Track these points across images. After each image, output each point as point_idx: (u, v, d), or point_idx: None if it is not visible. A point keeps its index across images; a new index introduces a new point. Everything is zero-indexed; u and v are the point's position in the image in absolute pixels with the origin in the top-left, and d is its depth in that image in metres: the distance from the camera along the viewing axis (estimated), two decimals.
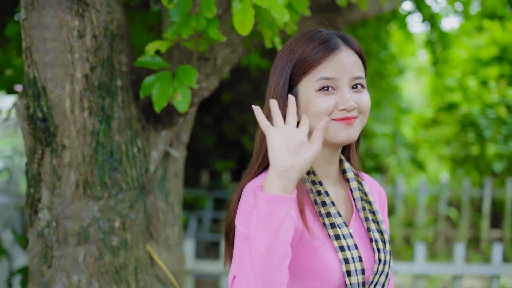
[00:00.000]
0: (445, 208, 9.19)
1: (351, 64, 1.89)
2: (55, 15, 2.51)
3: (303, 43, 1.92)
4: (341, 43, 1.92)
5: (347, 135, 1.87)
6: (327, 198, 1.90)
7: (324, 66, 1.87)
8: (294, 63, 1.90)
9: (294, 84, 1.92)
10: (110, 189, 2.64)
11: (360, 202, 2.00)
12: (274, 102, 1.74)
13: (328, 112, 1.85)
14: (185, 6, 2.49)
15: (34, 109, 2.57)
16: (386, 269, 1.92)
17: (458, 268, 5.19)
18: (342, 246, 1.84)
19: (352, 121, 1.87)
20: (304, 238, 1.85)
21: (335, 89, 1.87)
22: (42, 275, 2.65)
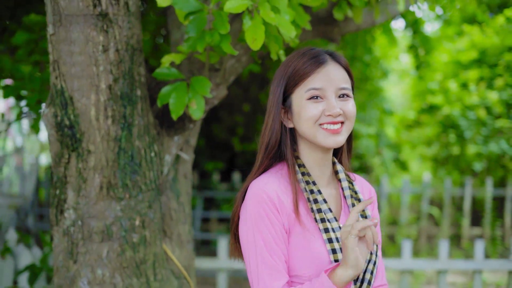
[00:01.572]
0: (427, 207, 9.48)
1: (337, 77, 2.18)
2: (81, 31, 2.74)
3: (296, 59, 2.22)
4: (329, 58, 2.21)
5: (334, 142, 2.16)
6: (319, 196, 2.18)
7: (312, 78, 2.17)
8: (288, 77, 2.20)
9: (288, 95, 2.21)
10: (131, 191, 2.87)
11: (350, 199, 2.27)
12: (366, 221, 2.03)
13: (317, 118, 2.15)
14: (201, 23, 2.72)
15: (61, 117, 2.79)
16: (373, 258, 2.20)
17: (442, 263, 5.46)
18: (331, 238, 2.12)
19: (339, 131, 2.16)
20: (298, 231, 2.14)
21: (323, 98, 2.16)
22: (68, 270, 2.87)
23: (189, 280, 3.18)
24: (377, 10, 3.51)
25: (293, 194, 2.16)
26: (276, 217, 2.12)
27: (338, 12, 3.40)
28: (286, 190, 2.17)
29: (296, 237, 2.14)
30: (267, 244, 2.11)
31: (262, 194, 2.13)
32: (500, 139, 9.23)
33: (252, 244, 2.12)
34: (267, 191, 2.13)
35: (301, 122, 2.17)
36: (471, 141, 9.40)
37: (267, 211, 2.11)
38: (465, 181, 9.32)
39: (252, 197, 2.14)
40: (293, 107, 2.20)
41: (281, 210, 2.13)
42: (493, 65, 9.59)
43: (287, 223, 2.14)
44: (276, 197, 2.13)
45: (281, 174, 2.21)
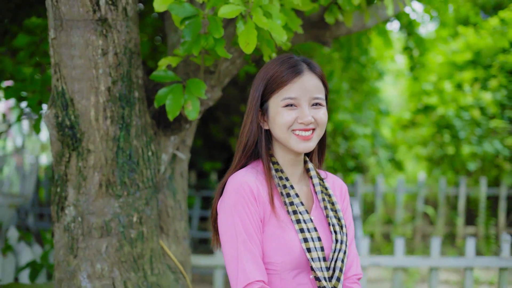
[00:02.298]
0: (422, 206, 9.60)
1: (312, 87, 2.37)
2: (81, 35, 2.86)
3: (275, 66, 2.40)
4: (305, 68, 2.39)
5: (304, 147, 2.36)
6: (292, 191, 2.38)
7: (289, 88, 2.35)
8: (266, 83, 2.38)
9: (266, 100, 2.40)
10: (129, 188, 2.99)
11: (321, 194, 2.47)
12: None
13: (290, 124, 2.35)
14: (196, 28, 2.83)
15: (62, 118, 2.91)
16: (343, 247, 2.38)
17: (434, 260, 5.57)
18: (302, 228, 2.31)
19: (310, 137, 2.36)
20: (272, 222, 2.33)
21: (297, 106, 2.36)
22: (68, 264, 2.99)
23: (185, 274, 3.30)
24: (367, 14, 3.63)
25: (268, 188, 2.34)
26: (254, 206, 2.29)
27: (329, 16, 3.52)
28: (262, 184, 2.35)
29: (271, 227, 2.32)
30: (247, 231, 2.28)
31: (241, 184, 2.30)
32: (494, 139, 9.35)
33: (233, 230, 2.28)
34: (246, 181, 2.31)
35: (276, 127, 2.36)
36: (466, 141, 9.51)
37: (246, 200, 2.29)
38: (459, 180, 9.44)
39: (231, 187, 2.32)
40: (269, 111, 2.38)
41: (258, 200, 2.31)
42: (487, 66, 9.71)
43: (263, 213, 2.32)
44: (255, 188, 2.31)
45: (257, 170, 2.40)
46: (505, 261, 5.45)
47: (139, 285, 3.01)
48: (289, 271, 2.31)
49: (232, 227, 2.28)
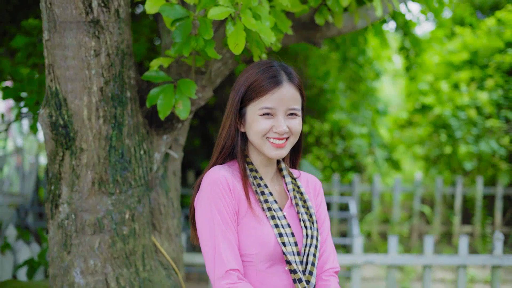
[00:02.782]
0: (419, 205, 9.66)
1: (289, 98, 2.48)
2: (74, 36, 2.93)
3: (256, 73, 2.51)
4: (285, 79, 2.49)
5: (277, 154, 2.49)
6: (266, 189, 2.51)
7: (267, 98, 2.46)
8: (246, 90, 2.49)
9: (245, 105, 2.51)
10: (121, 186, 3.06)
11: (293, 192, 2.60)
12: None
13: (265, 132, 2.46)
14: (186, 29, 2.90)
15: (56, 117, 2.98)
16: (314, 242, 2.51)
17: (427, 258, 5.64)
18: (277, 224, 2.44)
19: (283, 145, 2.48)
20: (248, 216, 2.44)
21: (274, 115, 2.47)
22: (62, 260, 3.06)
23: (177, 270, 3.37)
24: (356, 16, 3.69)
25: (243, 185, 2.46)
26: (229, 197, 2.41)
27: (319, 18, 3.59)
28: (238, 181, 2.47)
29: (247, 220, 2.44)
30: (224, 220, 2.39)
31: (217, 177, 2.42)
32: (490, 139, 9.40)
33: (210, 220, 2.39)
34: (223, 174, 2.43)
35: (251, 133, 2.48)
36: (462, 140, 9.57)
37: (222, 191, 2.40)
38: (456, 180, 9.50)
39: (207, 181, 2.43)
40: (246, 117, 2.49)
41: (234, 193, 2.42)
42: (484, 66, 9.77)
43: (238, 207, 2.43)
44: (230, 181, 2.43)
45: (233, 168, 2.52)
46: (498, 259, 5.52)
47: (131, 280, 3.08)
48: (263, 262, 2.43)
49: (209, 217, 2.39)
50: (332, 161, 10.03)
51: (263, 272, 2.43)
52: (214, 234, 2.37)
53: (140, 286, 3.11)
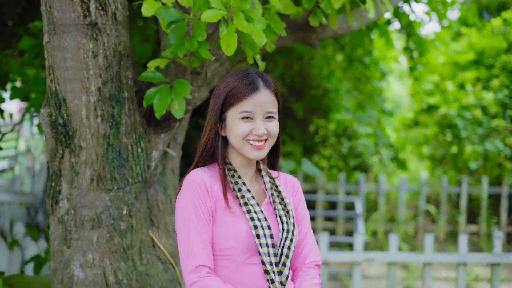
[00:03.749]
0: (424, 204, 9.73)
1: (266, 102, 2.64)
2: (73, 39, 3.05)
3: (234, 81, 2.66)
4: (261, 85, 2.65)
5: (256, 155, 2.64)
6: (244, 187, 2.66)
7: (245, 102, 2.62)
8: (225, 96, 2.64)
9: (225, 111, 2.65)
10: (119, 183, 3.18)
11: (271, 191, 2.75)
12: None
13: (245, 135, 2.61)
14: (181, 31, 3.00)
15: (56, 116, 3.10)
16: (290, 236, 2.65)
17: (427, 256, 5.72)
18: (253, 217, 2.58)
19: (262, 147, 2.63)
20: (225, 213, 2.59)
21: (252, 119, 2.62)
22: (62, 254, 3.18)
23: (174, 265, 3.48)
24: (350, 17, 3.78)
25: (222, 184, 2.62)
26: (206, 198, 2.56)
27: (313, 19, 3.68)
28: (216, 182, 2.63)
29: (225, 216, 2.58)
30: (199, 218, 2.54)
31: (196, 179, 2.58)
32: (495, 139, 9.46)
33: (186, 216, 2.55)
34: (201, 176, 2.60)
35: (232, 136, 2.63)
36: (468, 140, 9.63)
37: (199, 191, 2.56)
38: (461, 179, 9.56)
39: (186, 182, 2.60)
40: (227, 121, 2.64)
41: (211, 194, 2.58)
42: (489, 66, 9.82)
43: (215, 206, 2.58)
44: (208, 182, 2.59)
45: (213, 170, 2.68)
46: (497, 257, 5.59)
47: (128, 274, 3.19)
48: (242, 254, 2.57)
49: (186, 216, 2.54)
50: (338, 160, 10.11)
51: (243, 263, 2.57)
52: (189, 231, 2.53)
53: (137, 280, 3.22)
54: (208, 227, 2.55)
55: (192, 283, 2.48)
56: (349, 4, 3.77)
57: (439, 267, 8.46)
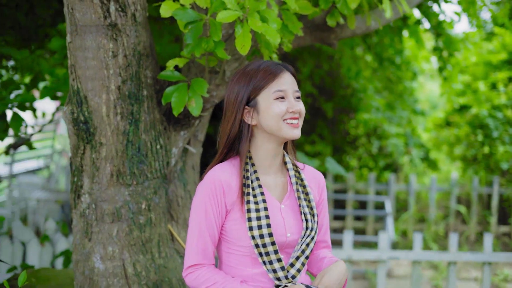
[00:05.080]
0: (455, 205, 9.70)
1: (292, 82, 2.68)
2: (94, 39, 3.17)
3: (257, 67, 2.68)
4: (282, 68, 2.70)
5: (295, 134, 2.64)
6: (256, 183, 2.64)
7: (277, 82, 2.64)
8: (253, 83, 2.64)
9: (255, 96, 2.65)
10: (138, 178, 3.29)
11: (296, 185, 2.74)
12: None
13: (283, 114, 2.61)
14: (197, 31, 3.09)
15: (77, 114, 3.22)
16: (312, 234, 2.66)
17: (451, 255, 5.74)
18: (250, 217, 2.57)
19: (298, 125, 2.65)
20: (241, 213, 2.61)
21: (286, 98, 2.64)
22: (83, 247, 3.30)
23: None
24: (368, 17, 3.84)
25: (240, 181, 2.63)
26: (219, 200, 2.59)
27: (331, 19, 3.74)
28: (234, 179, 2.64)
29: (238, 214, 2.61)
30: (208, 220, 2.59)
31: (213, 179, 2.61)
32: None
33: (197, 216, 2.60)
34: (218, 176, 2.62)
35: (269, 118, 2.61)
36: (499, 140, 9.57)
37: (213, 193, 2.59)
38: (493, 179, 9.51)
39: (206, 181, 2.63)
40: (259, 106, 2.63)
41: (227, 194, 2.60)
42: None
43: (231, 203, 2.61)
44: (226, 182, 2.61)
45: (233, 164, 2.68)
46: None
47: (147, 266, 3.30)
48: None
49: (196, 213, 2.61)
50: (368, 160, 10.13)
51: (259, 262, 2.60)
52: (195, 229, 2.60)
53: (156, 272, 3.32)
54: (215, 228, 2.60)
55: (186, 275, 2.61)
56: (367, 4, 3.82)
57: (469, 267, 8.44)
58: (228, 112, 2.68)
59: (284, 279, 2.57)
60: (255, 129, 2.68)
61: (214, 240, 2.62)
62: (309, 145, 9.54)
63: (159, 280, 3.33)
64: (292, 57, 8.56)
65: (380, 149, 10.13)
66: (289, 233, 2.63)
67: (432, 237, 9.44)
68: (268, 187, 2.69)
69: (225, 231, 2.64)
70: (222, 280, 2.56)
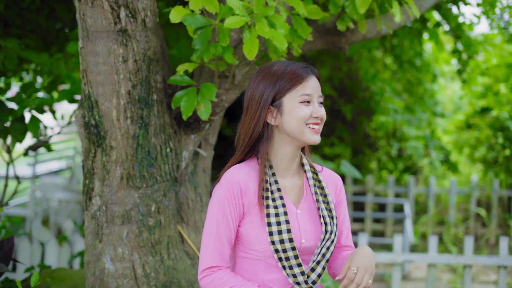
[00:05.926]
0: (475, 207, 9.65)
1: (317, 86, 2.66)
2: (104, 44, 3.23)
3: (284, 67, 2.64)
4: (309, 71, 2.66)
5: (316, 139, 2.62)
6: (274, 186, 2.61)
7: (304, 85, 2.61)
8: (279, 84, 2.60)
9: (280, 97, 2.61)
10: (148, 181, 3.35)
11: (314, 188, 2.71)
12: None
13: (307, 118, 2.58)
14: (206, 37, 3.14)
15: (88, 118, 3.29)
16: (332, 237, 2.63)
17: (467, 258, 5.73)
18: (270, 222, 2.54)
19: (319, 131, 2.63)
20: (257, 216, 2.58)
21: (311, 102, 2.62)
22: (94, 248, 3.37)
23: None
24: (379, 22, 3.86)
25: (259, 183, 2.60)
26: (236, 201, 2.57)
27: (341, 24, 3.76)
28: (252, 181, 2.61)
29: (255, 217, 2.59)
30: (225, 222, 2.56)
31: (232, 180, 2.58)
32: None
33: (214, 217, 2.57)
34: (236, 178, 2.59)
35: (292, 121, 2.58)
36: None
37: (231, 195, 2.56)
38: None
39: (223, 181, 2.60)
40: (283, 107, 2.59)
41: (245, 196, 2.58)
42: None
43: (248, 205, 2.58)
44: (244, 183, 2.58)
45: (250, 166, 2.65)
46: None
47: (156, 268, 3.36)
48: (272, 258, 2.57)
49: (214, 214, 2.57)
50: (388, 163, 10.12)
51: (273, 266, 2.58)
52: (211, 231, 2.56)
53: (165, 273, 3.38)
54: (232, 230, 2.57)
55: (201, 277, 2.56)
56: (378, 8, 3.84)
57: (488, 271, 8.40)
58: (252, 110, 2.63)
59: (303, 284, 2.55)
60: (275, 130, 2.64)
61: (231, 242, 2.59)
62: (328, 148, 9.55)
63: (168, 282, 3.38)
64: (312, 59, 8.58)
65: (399, 151, 10.12)
66: (304, 239, 2.61)
67: (451, 240, 9.40)
68: (285, 191, 2.66)
69: (240, 233, 2.61)
70: (239, 284, 2.53)
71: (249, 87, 2.70)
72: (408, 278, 8.07)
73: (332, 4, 3.61)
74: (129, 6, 3.22)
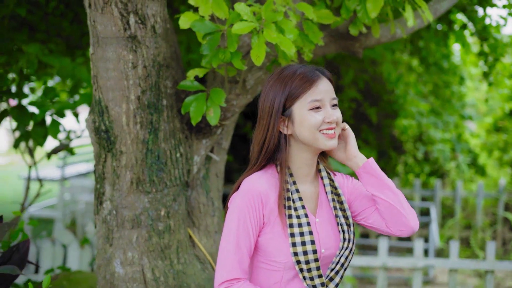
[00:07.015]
0: (503, 212, 9.53)
1: (329, 89, 2.58)
2: (114, 50, 3.26)
3: (292, 73, 2.58)
4: (319, 74, 2.59)
5: (332, 144, 2.55)
6: (295, 195, 2.56)
7: (312, 91, 2.54)
8: (288, 91, 2.55)
9: (288, 107, 2.56)
10: (157, 186, 3.37)
11: (331, 195, 2.66)
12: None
13: (319, 125, 2.52)
14: (214, 42, 3.16)
15: (99, 123, 3.33)
16: (350, 245, 2.59)
17: (488, 264, 5.66)
18: (293, 233, 2.49)
19: (334, 135, 2.56)
20: (278, 223, 2.53)
21: (322, 107, 2.54)
22: (105, 251, 3.40)
23: (213, 264, 3.64)
24: (392, 26, 3.84)
25: (280, 191, 2.54)
26: (257, 212, 2.50)
27: (353, 28, 3.75)
28: (272, 190, 2.55)
29: (276, 227, 2.53)
30: (245, 232, 2.49)
31: (252, 189, 2.52)
32: None
33: (233, 226, 2.50)
34: (256, 187, 2.53)
35: (303, 129, 2.53)
36: None
37: (252, 205, 2.50)
38: None
39: (243, 189, 2.54)
40: (294, 116, 2.54)
41: (265, 205, 2.51)
42: None
43: (269, 215, 2.53)
44: (264, 193, 2.52)
45: (270, 173, 2.60)
46: None
47: (165, 272, 3.38)
48: (291, 269, 2.52)
49: (231, 224, 2.51)
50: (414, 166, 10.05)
51: (291, 277, 2.54)
52: (232, 240, 2.49)
53: (174, 278, 3.40)
54: (252, 241, 2.51)
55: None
56: (391, 12, 3.82)
57: None
58: (264, 120, 2.59)
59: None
60: (291, 138, 2.59)
61: (250, 253, 2.53)
62: None
63: (178, 286, 3.40)
64: (336, 63, 8.56)
65: (426, 154, 10.03)
66: (324, 249, 2.57)
67: (478, 245, 9.30)
68: (305, 199, 2.61)
69: (260, 244, 2.55)
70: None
71: (261, 93, 2.66)
72: (434, 283, 8.01)
73: (344, 8, 3.60)
74: (139, 12, 3.25)
